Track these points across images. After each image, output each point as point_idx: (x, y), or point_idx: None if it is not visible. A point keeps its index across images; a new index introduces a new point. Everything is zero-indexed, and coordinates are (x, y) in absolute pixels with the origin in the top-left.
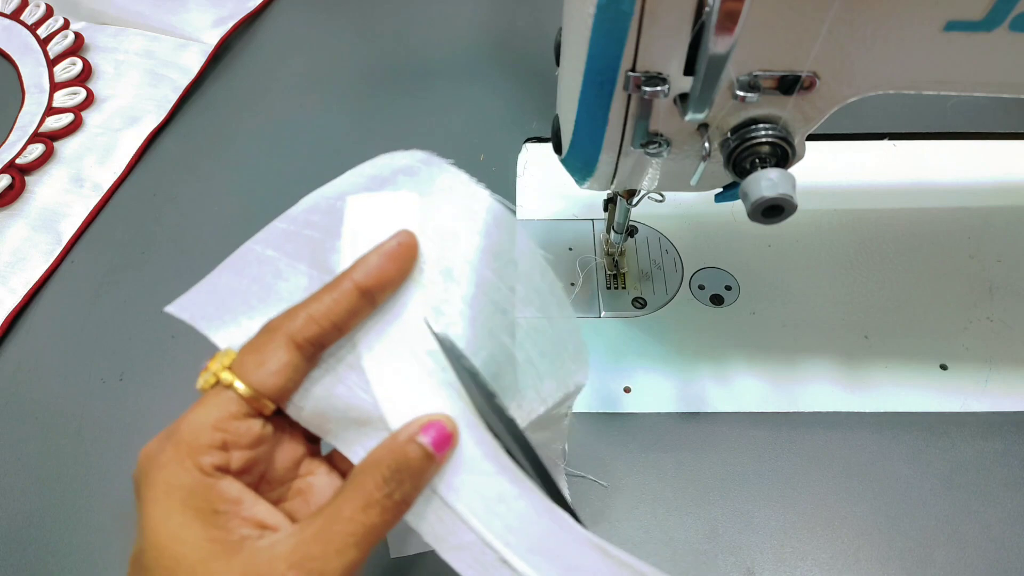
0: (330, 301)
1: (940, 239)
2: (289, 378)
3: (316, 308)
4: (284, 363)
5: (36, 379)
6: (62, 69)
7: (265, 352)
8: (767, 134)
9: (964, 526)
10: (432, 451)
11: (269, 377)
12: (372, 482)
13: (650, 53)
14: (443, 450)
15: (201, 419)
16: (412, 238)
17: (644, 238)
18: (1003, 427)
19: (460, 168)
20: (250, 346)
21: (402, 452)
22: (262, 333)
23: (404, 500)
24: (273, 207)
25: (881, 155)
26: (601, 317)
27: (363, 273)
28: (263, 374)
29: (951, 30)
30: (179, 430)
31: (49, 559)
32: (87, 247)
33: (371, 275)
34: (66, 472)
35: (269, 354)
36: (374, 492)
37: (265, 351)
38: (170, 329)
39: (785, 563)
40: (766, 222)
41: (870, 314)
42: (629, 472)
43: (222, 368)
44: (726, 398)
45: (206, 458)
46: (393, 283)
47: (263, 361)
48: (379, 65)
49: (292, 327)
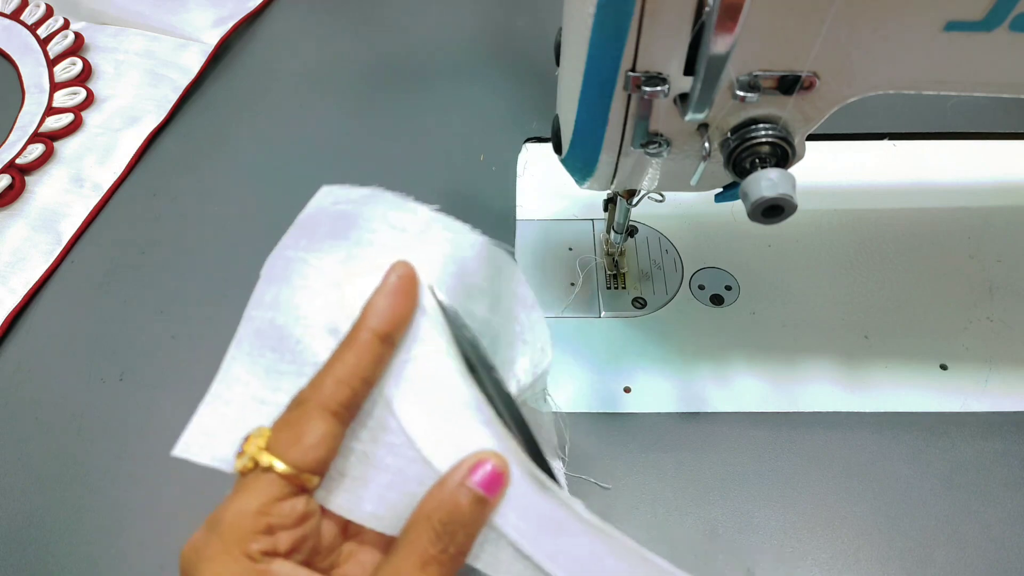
0: (354, 358)
1: (940, 239)
2: (329, 448)
3: (342, 369)
4: (322, 434)
5: (36, 379)
6: (62, 69)
7: (300, 426)
8: (767, 134)
9: (964, 526)
10: (484, 495)
11: (308, 452)
12: (426, 538)
13: (650, 53)
14: (495, 491)
15: (243, 506)
16: (409, 267)
17: (644, 238)
18: (1003, 427)
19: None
20: (283, 422)
21: (452, 502)
22: (293, 407)
23: (460, 552)
24: (273, 207)
25: (881, 155)
26: (601, 317)
27: (377, 319)
28: (302, 450)
29: (951, 30)
30: (222, 520)
31: (49, 559)
32: (87, 247)
33: (385, 318)
34: (66, 472)
35: (305, 428)
36: (428, 549)
37: (300, 425)
38: (170, 329)
39: (785, 563)
40: (766, 222)
41: (870, 314)
42: (629, 472)
43: (259, 450)
44: (726, 398)
45: (254, 545)
46: (407, 319)
47: (300, 436)
48: (379, 65)
49: (323, 396)
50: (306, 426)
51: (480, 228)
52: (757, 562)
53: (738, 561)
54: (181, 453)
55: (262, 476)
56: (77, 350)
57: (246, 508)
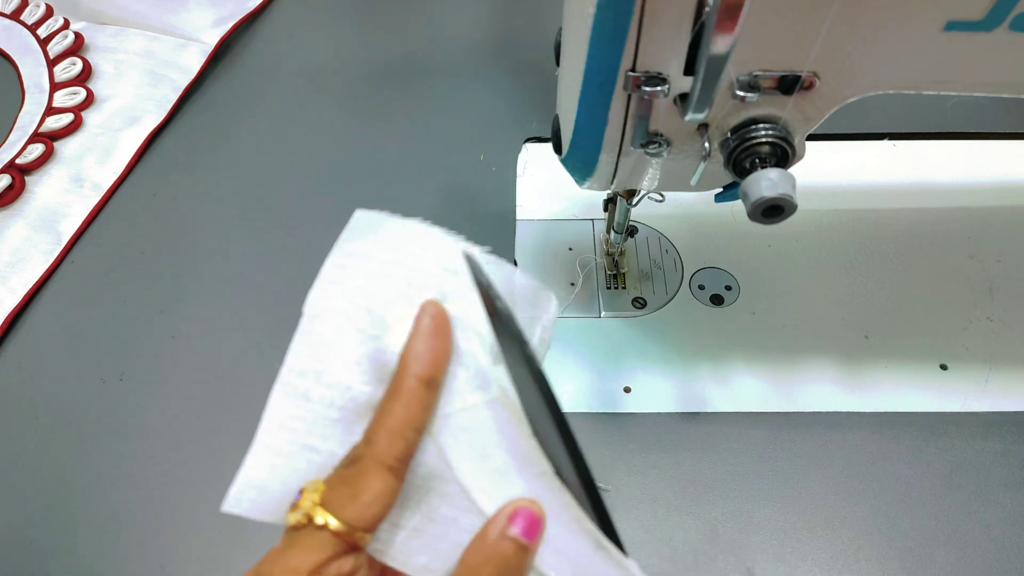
0: (403, 409)
1: (940, 239)
2: (386, 505)
3: (393, 421)
4: (379, 492)
5: (36, 379)
6: (62, 69)
7: (357, 484)
8: (767, 134)
9: (964, 526)
10: (526, 543)
11: (365, 510)
12: None
13: (650, 53)
14: (534, 537)
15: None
16: (439, 307)
17: (644, 238)
18: (1003, 427)
19: (461, 169)
20: (338, 478)
21: (498, 552)
22: (348, 464)
23: None
24: (273, 207)
25: (881, 155)
26: (601, 317)
27: (420, 365)
28: (359, 508)
29: (951, 30)
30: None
31: (49, 559)
32: (87, 247)
33: (426, 362)
34: (66, 472)
35: (362, 485)
36: None
37: (357, 482)
38: (170, 329)
39: (785, 563)
40: (766, 222)
41: (870, 314)
42: (629, 472)
43: (313, 505)
44: (726, 398)
45: None
46: (446, 359)
47: (356, 494)
48: (379, 65)
49: (378, 451)
50: (363, 483)
51: (480, 228)
52: (757, 562)
53: (738, 561)
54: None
55: (316, 533)
56: (77, 350)
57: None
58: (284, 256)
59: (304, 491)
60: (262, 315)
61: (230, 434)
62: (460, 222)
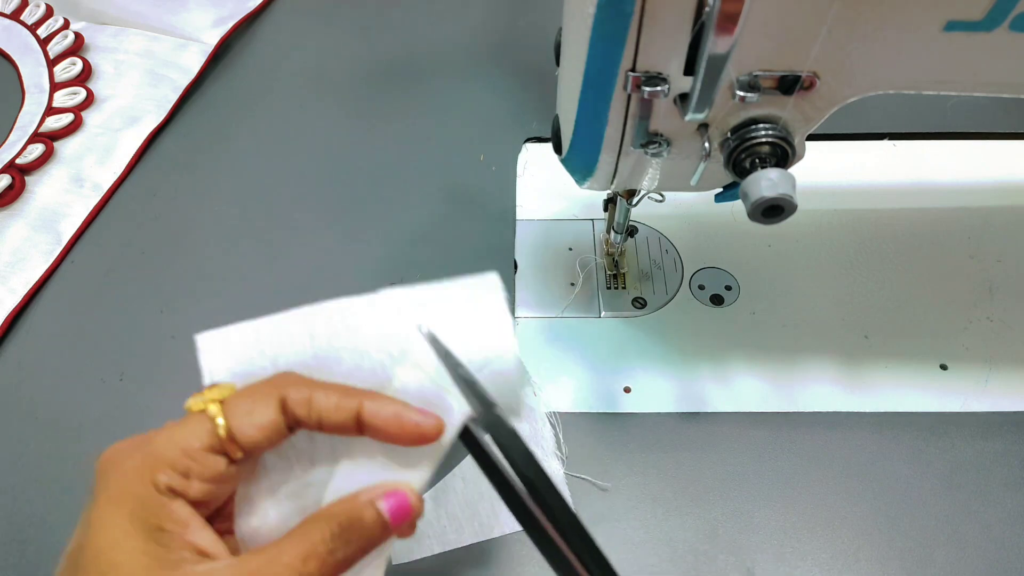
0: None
1: (940, 239)
2: (267, 437)
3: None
4: (270, 421)
5: (36, 379)
6: (62, 69)
7: (258, 403)
8: (767, 134)
9: (964, 526)
10: (388, 520)
11: (251, 428)
12: (319, 534)
13: (650, 53)
14: (399, 522)
15: (175, 439)
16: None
17: (644, 238)
18: (1003, 427)
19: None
20: (249, 391)
21: (357, 512)
22: (265, 383)
23: (346, 560)
24: (273, 207)
25: (881, 155)
26: (601, 317)
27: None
28: (247, 422)
29: (951, 30)
30: (152, 442)
31: (49, 559)
32: (87, 247)
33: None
34: (66, 472)
35: (260, 407)
36: (318, 545)
37: (258, 402)
38: (170, 329)
39: (785, 563)
40: (766, 222)
41: (870, 314)
42: (629, 472)
43: (214, 402)
44: (726, 398)
45: (163, 477)
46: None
47: (252, 411)
48: (379, 65)
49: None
50: (263, 406)
51: (480, 228)
52: (757, 562)
53: (738, 561)
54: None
55: (204, 422)
56: (77, 350)
57: (176, 442)
58: (284, 256)
59: (215, 385)
60: (262, 315)
61: None
62: (460, 222)
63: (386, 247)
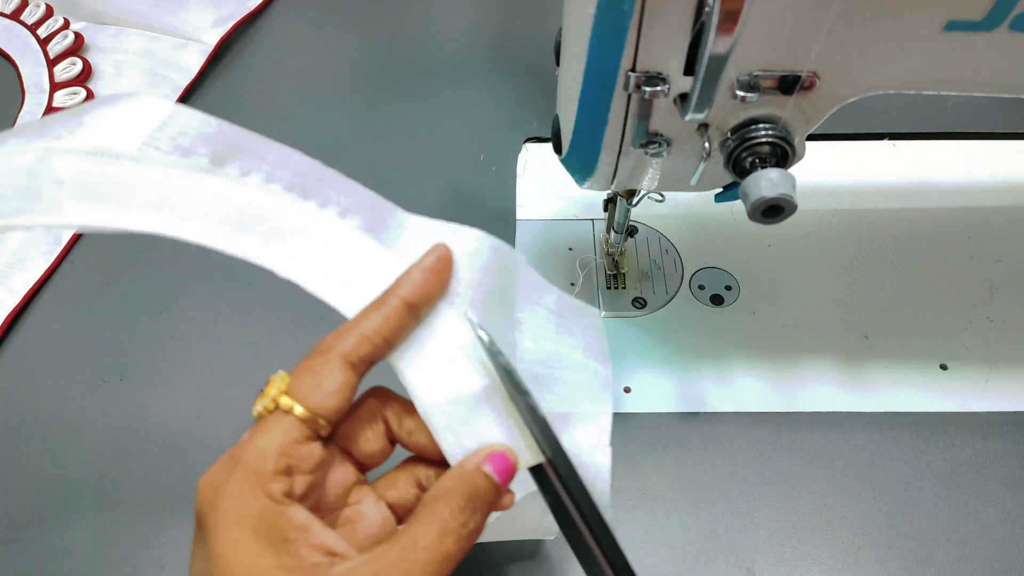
0: (381, 319)
1: (940, 239)
2: (345, 398)
3: (368, 326)
4: (340, 384)
5: (36, 379)
6: (62, 69)
7: (321, 374)
8: (767, 134)
9: (964, 526)
10: (498, 481)
11: (327, 399)
12: (448, 511)
13: (650, 53)
14: (507, 480)
15: (266, 445)
16: (448, 252)
17: (644, 238)
18: (1003, 427)
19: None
20: (304, 368)
21: (472, 482)
22: (315, 354)
23: (476, 529)
24: None
25: (881, 155)
26: (601, 317)
27: (409, 289)
28: (320, 396)
29: (951, 30)
30: (244, 458)
31: (49, 559)
32: (87, 247)
33: (417, 290)
34: (66, 472)
35: (326, 375)
36: (450, 521)
37: (321, 373)
38: (170, 329)
39: (785, 563)
40: (766, 222)
41: (870, 314)
42: (629, 472)
43: (280, 393)
44: (726, 398)
45: (275, 485)
46: (435, 296)
47: (319, 383)
48: (379, 65)
49: (346, 347)
50: (327, 374)
51: (480, 228)
52: (757, 562)
53: (738, 561)
54: None
55: (283, 417)
56: (77, 350)
57: (269, 447)
58: None
59: (270, 381)
60: (262, 315)
61: (230, 434)
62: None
63: None
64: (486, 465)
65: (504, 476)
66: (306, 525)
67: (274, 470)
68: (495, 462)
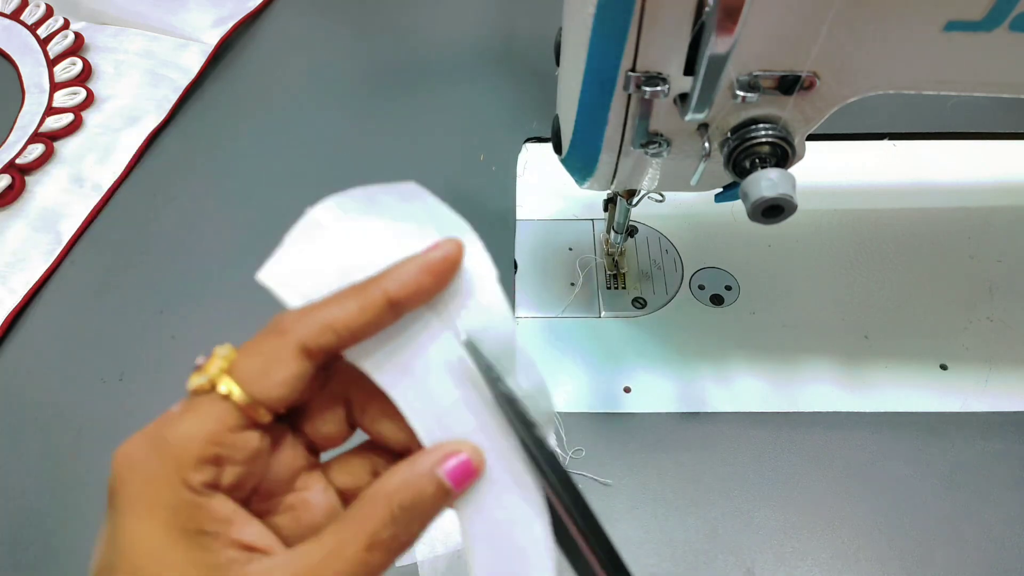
0: (355, 310)
1: (940, 239)
2: (295, 389)
3: (336, 315)
4: (292, 374)
5: (36, 379)
6: (62, 69)
7: (271, 359)
8: (767, 134)
9: (964, 526)
10: (450, 486)
11: (273, 388)
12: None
13: (650, 53)
14: (462, 486)
15: (193, 430)
16: (460, 251)
17: (644, 238)
18: (1003, 427)
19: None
20: (254, 347)
21: (418, 488)
22: (269, 333)
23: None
24: (273, 207)
25: (881, 155)
26: (601, 317)
27: (397, 285)
28: (267, 384)
29: (951, 30)
30: (166, 439)
31: (49, 559)
32: (87, 247)
33: (407, 288)
34: (66, 472)
35: (276, 362)
36: (380, 531)
37: (272, 357)
38: (170, 329)
39: (785, 563)
40: (766, 222)
41: (870, 314)
42: (629, 472)
43: (220, 372)
44: (726, 398)
45: (196, 475)
46: (426, 299)
47: (268, 370)
48: (379, 65)
49: (305, 333)
50: (278, 361)
51: (480, 228)
52: (757, 562)
53: (738, 561)
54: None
55: (218, 401)
56: (77, 350)
57: (196, 432)
58: None
59: (212, 355)
60: (262, 315)
61: None
62: None
63: None
64: (441, 468)
65: (460, 480)
66: (228, 518)
67: (199, 458)
68: (452, 463)
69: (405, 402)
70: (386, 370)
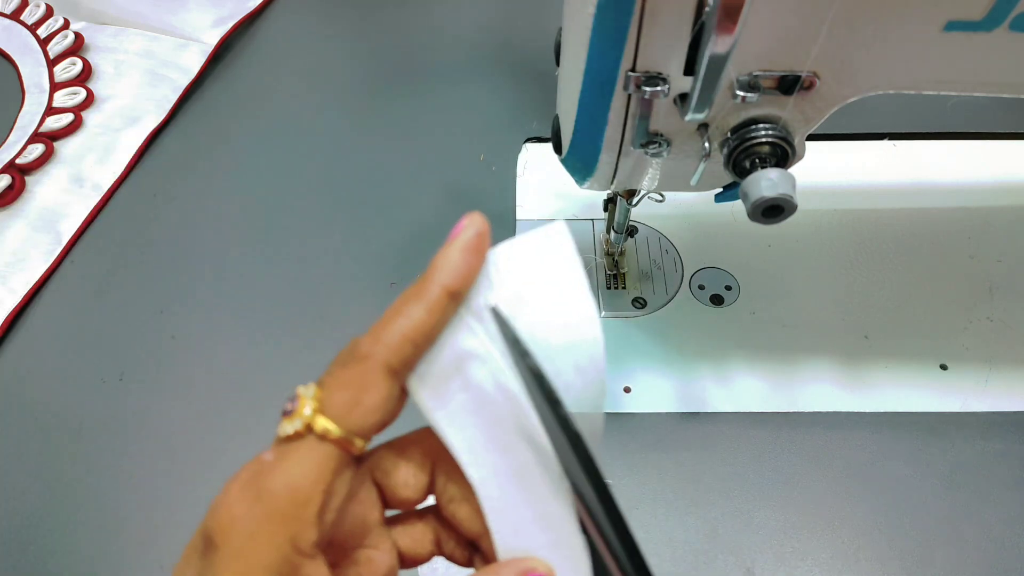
0: (423, 314)
1: (940, 239)
2: (388, 412)
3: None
4: (382, 396)
5: (36, 379)
6: (62, 69)
7: (360, 387)
8: (767, 134)
9: (964, 526)
10: None
11: (367, 415)
12: None
13: (650, 53)
14: None
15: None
16: (484, 222)
17: (644, 238)
18: (1003, 427)
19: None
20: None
21: None
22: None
23: None
24: (273, 207)
25: (881, 155)
26: (601, 317)
27: (451, 275)
28: (360, 412)
29: (951, 30)
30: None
31: (49, 559)
32: (87, 247)
33: (460, 275)
34: (66, 472)
35: (365, 389)
36: None
37: (360, 386)
38: (170, 329)
39: (785, 563)
40: (766, 222)
41: (870, 314)
42: (629, 472)
43: (315, 413)
44: (726, 398)
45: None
46: (475, 276)
47: (359, 399)
48: (379, 65)
49: (387, 352)
50: (368, 388)
51: None
52: (757, 562)
53: (738, 561)
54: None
55: (318, 445)
56: (77, 350)
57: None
58: (284, 256)
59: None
60: (262, 315)
61: (230, 434)
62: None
63: (386, 247)
64: None
65: None
66: None
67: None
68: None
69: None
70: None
